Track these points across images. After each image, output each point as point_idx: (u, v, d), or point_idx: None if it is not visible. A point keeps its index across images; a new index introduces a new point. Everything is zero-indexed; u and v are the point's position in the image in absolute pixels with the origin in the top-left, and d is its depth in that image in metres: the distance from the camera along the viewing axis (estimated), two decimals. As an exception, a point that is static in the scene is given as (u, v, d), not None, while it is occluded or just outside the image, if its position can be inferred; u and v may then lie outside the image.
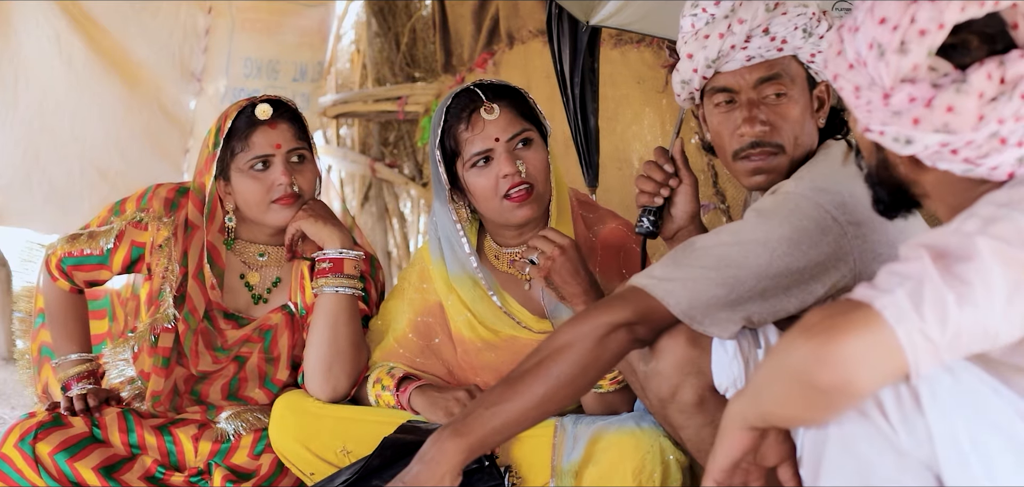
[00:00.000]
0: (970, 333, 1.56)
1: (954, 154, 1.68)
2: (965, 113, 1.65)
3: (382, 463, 2.55)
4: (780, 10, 2.30)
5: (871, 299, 1.55)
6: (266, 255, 2.98)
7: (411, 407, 2.73)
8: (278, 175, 2.83)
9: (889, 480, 1.67)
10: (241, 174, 2.86)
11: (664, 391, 2.24)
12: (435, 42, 6.55)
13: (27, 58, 5.36)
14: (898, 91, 1.69)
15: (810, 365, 1.58)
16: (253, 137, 2.84)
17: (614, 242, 2.77)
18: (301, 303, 2.96)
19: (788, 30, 2.30)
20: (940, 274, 1.55)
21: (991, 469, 1.64)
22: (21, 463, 2.75)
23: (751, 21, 2.29)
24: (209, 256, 2.93)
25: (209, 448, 2.84)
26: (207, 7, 5.95)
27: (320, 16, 6.58)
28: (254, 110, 2.85)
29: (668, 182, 2.49)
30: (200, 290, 2.92)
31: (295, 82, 6.52)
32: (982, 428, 1.64)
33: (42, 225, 5.52)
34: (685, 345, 2.18)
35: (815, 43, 2.31)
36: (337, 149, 7.58)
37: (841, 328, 1.55)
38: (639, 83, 4.92)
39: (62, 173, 5.50)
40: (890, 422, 1.66)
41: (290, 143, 2.86)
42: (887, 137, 1.71)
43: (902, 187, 1.81)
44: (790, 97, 2.32)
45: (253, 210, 2.88)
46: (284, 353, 2.96)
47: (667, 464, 2.47)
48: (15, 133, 5.38)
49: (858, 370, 1.55)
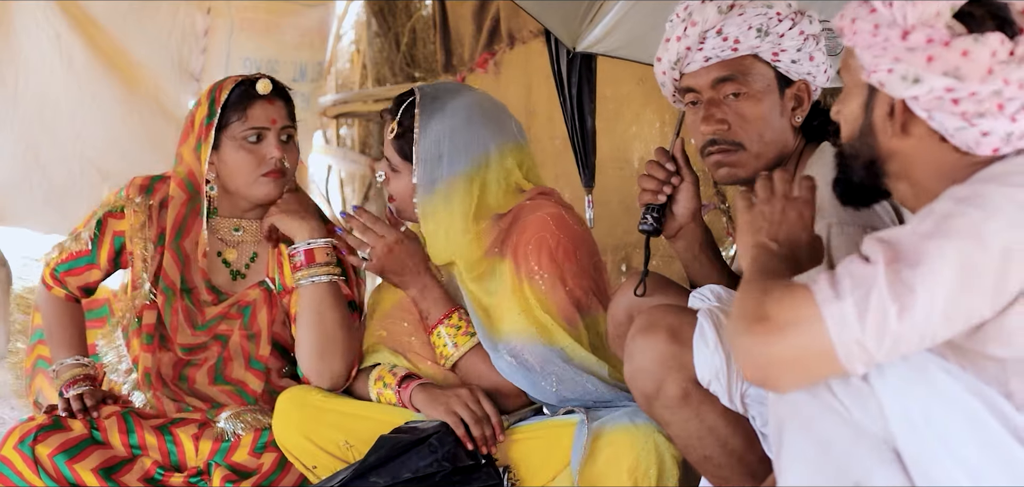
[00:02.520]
0: (906, 340, 1.66)
1: (955, 104, 1.74)
2: (978, 61, 1.72)
3: (379, 462, 2.56)
4: (737, 11, 2.37)
5: (821, 304, 1.67)
6: (241, 230, 3.01)
7: (412, 404, 2.73)
8: (271, 149, 2.89)
9: (847, 453, 1.74)
10: (234, 144, 2.90)
11: (648, 388, 2.28)
12: (435, 42, 6.55)
13: (27, 58, 5.36)
14: (917, 31, 1.75)
15: (742, 357, 1.75)
16: (251, 110, 2.90)
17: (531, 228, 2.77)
18: (279, 280, 2.99)
19: (742, 30, 2.36)
20: (888, 283, 1.64)
21: (946, 439, 1.69)
22: (21, 465, 2.74)
23: (703, 24, 2.38)
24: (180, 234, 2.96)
25: (209, 447, 2.84)
26: (206, 7, 5.95)
27: (320, 16, 6.57)
28: (253, 84, 2.92)
29: (670, 180, 2.50)
30: (174, 261, 2.95)
31: (295, 82, 6.51)
32: (934, 402, 1.70)
33: (42, 225, 5.51)
34: (665, 341, 2.23)
35: (775, 42, 2.36)
36: (337, 149, 7.58)
37: (780, 332, 1.69)
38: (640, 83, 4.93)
39: (62, 173, 5.50)
40: (841, 402, 1.73)
41: (283, 120, 2.93)
42: (895, 75, 1.77)
43: (876, 163, 1.87)
44: (748, 96, 2.39)
45: (240, 181, 2.92)
46: (264, 329, 2.98)
47: (662, 460, 2.48)
48: (15, 133, 5.38)
49: (785, 374, 1.71)
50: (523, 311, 2.70)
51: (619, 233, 4.98)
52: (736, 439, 2.27)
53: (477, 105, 2.83)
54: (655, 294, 2.50)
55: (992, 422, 1.70)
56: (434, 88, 2.88)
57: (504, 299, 2.73)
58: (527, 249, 2.72)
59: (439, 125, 2.77)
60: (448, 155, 2.76)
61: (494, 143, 2.79)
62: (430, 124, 2.77)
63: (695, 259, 2.55)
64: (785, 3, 2.40)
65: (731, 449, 2.27)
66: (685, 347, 2.21)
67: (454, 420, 2.61)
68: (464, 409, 2.63)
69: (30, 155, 5.43)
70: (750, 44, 2.37)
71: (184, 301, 2.96)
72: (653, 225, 2.53)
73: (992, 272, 1.65)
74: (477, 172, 2.77)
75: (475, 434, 2.60)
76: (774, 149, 2.41)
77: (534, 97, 5.50)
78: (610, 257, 5.13)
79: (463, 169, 2.76)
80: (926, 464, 1.71)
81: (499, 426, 2.63)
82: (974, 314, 1.68)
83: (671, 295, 2.51)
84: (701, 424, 2.27)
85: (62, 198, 5.46)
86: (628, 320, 2.41)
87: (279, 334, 3.00)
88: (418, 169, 2.76)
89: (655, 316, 2.29)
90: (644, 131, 4.96)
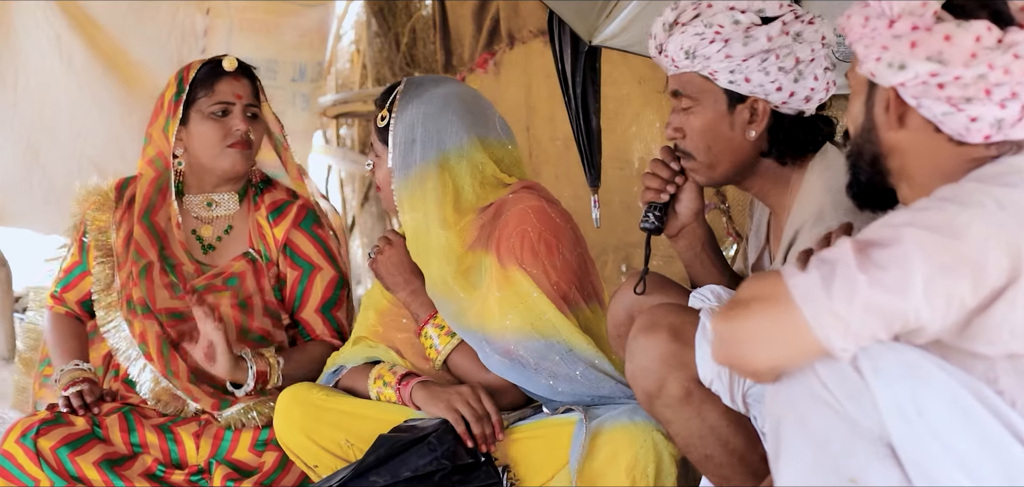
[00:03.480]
0: (885, 313, 1.67)
1: (940, 89, 1.76)
2: (960, 45, 1.74)
3: (378, 461, 2.56)
4: (678, 29, 2.37)
5: (786, 278, 1.71)
6: (214, 204, 3.11)
7: (413, 402, 2.73)
8: (237, 121, 3.04)
9: (843, 450, 1.74)
10: (201, 118, 3.04)
11: (650, 386, 2.28)
12: (435, 42, 6.54)
13: (27, 58, 5.35)
14: (903, 19, 1.78)
15: (715, 343, 1.83)
16: (218, 85, 3.05)
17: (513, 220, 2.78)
18: (264, 249, 3.09)
19: (676, 50, 2.37)
20: (856, 259, 1.68)
21: (940, 434, 1.70)
22: (22, 458, 2.77)
23: (654, 39, 2.42)
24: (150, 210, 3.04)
25: (210, 445, 2.85)
26: (205, 8, 5.95)
27: (319, 16, 6.57)
28: (218, 63, 3.07)
29: (673, 179, 2.51)
30: (147, 235, 3.03)
31: (294, 82, 6.51)
32: (927, 396, 1.71)
33: (42, 225, 5.51)
34: (667, 340, 2.24)
35: (702, 63, 2.34)
36: (337, 149, 7.58)
37: (746, 308, 1.75)
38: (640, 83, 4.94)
39: (62, 173, 5.49)
40: (835, 397, 1.74)
41: (248, 97, 3.08)
42: (882, 63, 1.80)
43: (879, 159, 1.88)
44: (693, 111, 2.40)
45: (207, 154, 3.06)
46: (255, 298, 3.04)
47: (660, 459, 2.48)
48: (15, 133, 5.38)
49: (753, 350, 1.75)
50: (514, 304, 2.69)
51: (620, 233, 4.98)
52: (737, 438, 2.27)
53: (456, 96, 2.84)
54: (655, 293, 2.50)
55: (985, 416, 1.71)
56: (421, 78, 2.94)
57: (490, 294, 2.72)
58: (510, 242, 2.72)
59: (415, 110, 2.79)
60: (421, 140, 2.77)
61: (469, 134, 2.79)
62: (407, 109, 2.80)
63: (696, 258, 2.56)
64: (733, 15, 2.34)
65: (732, 448, 2.27)
66: (687, 346, 2.22)
67: (455, 417, 2.61)
68: (465, 406, 2.63)
69: (30, 155, 5.43)
70: (683, 64, 2.37)
71: (167, 275, 3.01)
72: (655, 223, 2.53)
73: (970, 259, 1.67)
74: (449, 160, 2.77)
75: (475, 432, 2.60)
76: (726, 161, 2.40)
77: (534, 97, 5.50)
78: (611, 257, 5.13)
79: (434, 156, 2.77)
80: (921, 459, 1.72)
81: (499, 425, 2.63)
82: (956, 299, 1.68)
83: (671, 294, 2.51)
84: (702, 423, 2.27)
85: (62, 198, 5.42)
86: (628, 320, 2.42)
87: (271, 303, 3.07)
88: (393, 153, 2.79)
89: (657, 315, 2.30)
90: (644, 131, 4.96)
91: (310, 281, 3.09)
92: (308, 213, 3.14)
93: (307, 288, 3.09)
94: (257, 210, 3.13)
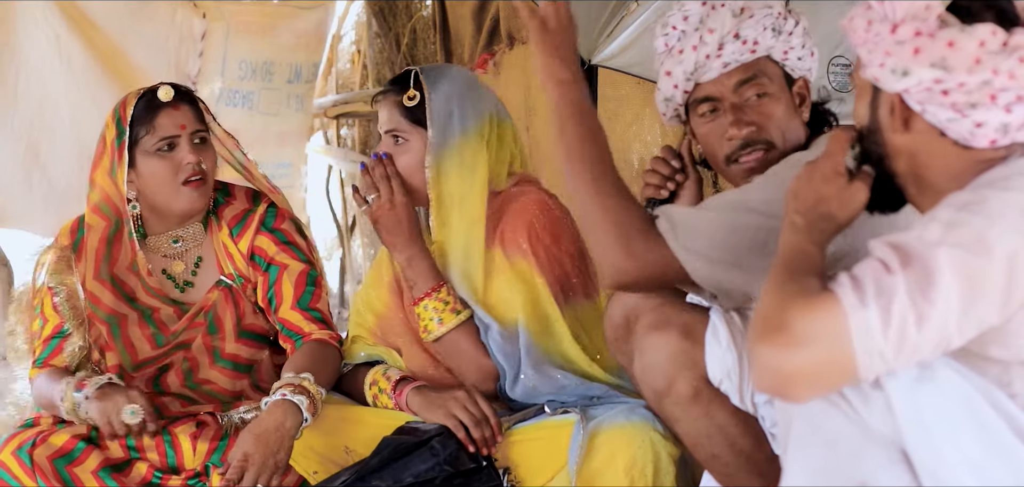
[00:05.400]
0: (922, 350, 1.66)
1: (944, 95, 1.74)
2: (964, 51, 1.71)
3: (380, 464, 2.55)
4: (747, 14, 2.37)
5: (849, 313, 1.63)
6: (180, 240, 2.98)
7: (409, 407, 2.73)
8: (185, 154, 2.85)
9: (854, 453, 1.73)
10: (147, 157, 2.86)
11: (659, 385, 2.27)
12: (435, 42, 6.54)
13: (27, 59, 5.35)
14: (906, 24, 1.75)
15: (758, 368, 1.70)
16: (158, 119, 2.85)
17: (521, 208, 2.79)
18: (235, 271, 2.97)
19: (758, 31, 2.36)
20: (907, 292, 1.63)
21: (954, 441, 1.69)
22: (17, 470, 2.74)
23: (721, 29, 2.37)
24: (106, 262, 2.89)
25: (207, 448, 2.84)
26: (202, 10, 5.95)
27: (316, 18, 6.57)
28: (154, 94, 2.87)
29: (674, 177, 2.51)
30: (108, 289, 2.90)
31: (290, 83, 6.51)
32: (943, 402, 1.69)
33: (42, 226, 5.50)
34: (678, 338, 2.23)
35: (785, 40, 2.38)
36: (337, 149, 7.58)
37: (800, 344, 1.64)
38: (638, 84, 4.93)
39: (62, 173, 5.49)
40: (847, 400, 1.73)
41: (193, 124, 2.89)
42: (885, 69, 1.78)
43: (885, 161, 1.87)
44: (771, 95, 2.39)
45: (162, 193, 2.88)
46: (228, 324, 2.96)
47: (659, 458, 2.48)
48: (15, 133, 5.38)
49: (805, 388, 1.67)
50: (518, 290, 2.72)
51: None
52: (745, 439, 2.26)
53: (476, 78, 2.94)
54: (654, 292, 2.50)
55: (998, 422, 1.70)
56: (434, 65, 2.92)
57: (496, 279, 2.75)
58: (515, 234, 2.75)
59: (448, 86, 2.81)
60: (458, 113, 2.79)
61: (494, 110, 2.85)
62: (439, 84, 2.81)
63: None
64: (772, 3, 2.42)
65: (739, 449, 2.27)
66: (697, 344, 2.21)
67: (454, 423, 2.61)
68: (463, 411, 2.62)
69: (30, 155, 5.42)
70: (767, 44, 2.38)
71: (147, 326, 2.93)
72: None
73: (999, 281, 1.65)
74: (483, 132, 2.80)
75: (475, 436, 2.60)
76: (793, 146, 2.41)
77: (534, 97, 5.50)
78: (610, 257, 5.13)
79: (474, 126, 2.79)
80: (933, 463, 1.71)
81: (497, 427, 2.63)
82: (983, 323, 1.67)
83: (669, 292, 2.51)
84: (710, 423, 2.26)
85: (62, 198, 5.45)
86: (625, 323, 2.40)
87: (254, 325, 3.00)
88: (432, 128, 2.77)
89: (668, 312, 2.29)
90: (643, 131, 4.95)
91: (279, 280, 2.95)
92: (267, 212, 3.00)
93: (278, 289, 2.95)
94: (219, 230, 2.98)
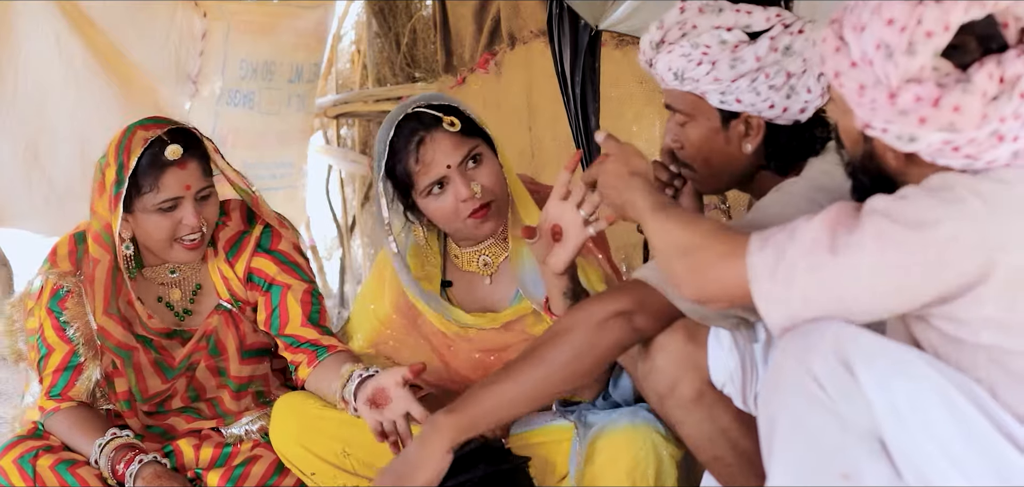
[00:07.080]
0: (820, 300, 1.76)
1: (955, 151, 1.73)
2: (970, 112, 1.70)
3: None
4: (666, 48, 2.34)
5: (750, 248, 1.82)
6: (178, 270, 2.92)
7: None
8: (188, 216, 2.76)
9: (835, 447, 1.75)
10: (148, 212, 2.76)
11: (662, 387, 2.26)
12: (436, 42, 6.55)
13: (27, 58, 5.37)
14: (904, 91, 1.73)
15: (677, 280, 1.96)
16: (164, 179, 2.73)
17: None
18: (232, 295, 2.93)
19: (664, 70, 2.35)
20: (812, 241, 1.76)
21: (930, 431, 1.71)
22: (17, 479, 2.74)
23: (643, 54, 2.40)
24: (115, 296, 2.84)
25: (210, 453, 2.85)
26: (203, 10, 5.96)
27: (317, 18, 6.58)
28: (162, 150, 2.73)
29: (673, 182, 2.50)
30: (118, 324, 2.84)
31: (291, 83, 6.53)
32: (919, 394, 1.72)
33: (42, 225, 5.52)
34: (682, 341, 2.22)
35: (692, 84, 2.31)
36: (337, 149, 7.59)
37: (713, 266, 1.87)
38: (641, 83, 4.93)
39: (61, 173, 5.50)
40: (828, 395, 1.75)
41: (198, 183, 2.78)
42: (890, 134, 1.76)
43: (885, 177, 1.85)
44: (688, 126, 2.38)
45: (156, 245, 2.81)
46: (231, 347, 2.93)
47: (661, 460, 2.48)
48: (15, 133, 5.39)
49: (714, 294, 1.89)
50: None
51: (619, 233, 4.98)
52: (747, 441, 2.25)
53: None
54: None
55: (976, 414, 1.72)
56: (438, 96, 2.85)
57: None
58: None
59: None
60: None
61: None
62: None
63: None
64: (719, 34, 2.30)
65: (742, 450, 2.26)
66: (701, 348, 2.20)
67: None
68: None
69: (30, 155, 5.44)
70: (672, 84, 2.36)
71: (152, 355, 2.90)
72: (655, 224, 2.53)
73: (927, 257, 1.69)
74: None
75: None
76: (726, 174, 2.40)
77: (535, 97, 5.50)
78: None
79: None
80: (912, 456, 1.72)
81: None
82: (906, 291, 1.72)
83: None
84: (713, 425, 2.25)
85: (62, 198, 5.46)
86: None
87: (255, 344, 2.97)
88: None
89: None
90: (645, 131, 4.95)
91: (283, 300, 2.89)
92: (263, 234, 2.94)
93: (283, 308, 2.89)
94: (216, 256, 2.92)
